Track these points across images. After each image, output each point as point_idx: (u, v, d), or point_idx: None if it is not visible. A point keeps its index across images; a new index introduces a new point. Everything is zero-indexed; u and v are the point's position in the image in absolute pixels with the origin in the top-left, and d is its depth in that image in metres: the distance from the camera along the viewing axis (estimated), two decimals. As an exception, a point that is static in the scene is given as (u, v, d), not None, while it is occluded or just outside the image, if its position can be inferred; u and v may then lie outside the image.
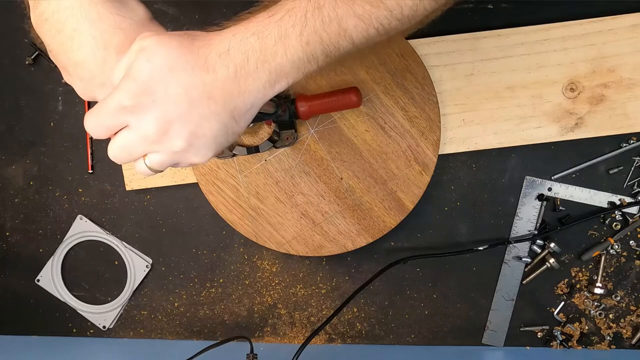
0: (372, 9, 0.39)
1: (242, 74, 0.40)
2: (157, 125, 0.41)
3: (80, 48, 0.48)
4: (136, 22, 0.48)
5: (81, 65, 0.48)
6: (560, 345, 0.81)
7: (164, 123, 0.41)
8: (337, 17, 0.38)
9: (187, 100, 0.40)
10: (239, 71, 0.40)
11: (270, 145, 0.73)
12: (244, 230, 0.77)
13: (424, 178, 0.75)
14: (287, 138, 0.73)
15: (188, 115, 0.40)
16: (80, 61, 0.48)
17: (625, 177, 0.79)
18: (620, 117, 0.77)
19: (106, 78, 0.48)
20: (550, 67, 0.76)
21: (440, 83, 0.77)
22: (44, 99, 0.82)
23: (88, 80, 0.49)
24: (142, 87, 0.40)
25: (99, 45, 0.47)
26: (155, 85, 0.40)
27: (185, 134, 0.41)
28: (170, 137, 0.41)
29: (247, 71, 0.40)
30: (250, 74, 0.40)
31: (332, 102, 0.71)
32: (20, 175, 0.83)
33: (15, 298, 0.85)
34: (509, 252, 0.81)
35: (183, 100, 0.40)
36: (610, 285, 0.80)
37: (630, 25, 0.75)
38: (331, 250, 0.77)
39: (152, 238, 0.83)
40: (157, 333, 0.84)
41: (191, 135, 0.41)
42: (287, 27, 0.39)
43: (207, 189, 0.76)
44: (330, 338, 0.83)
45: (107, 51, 0.48)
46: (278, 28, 0.39)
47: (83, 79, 0.49)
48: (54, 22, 0.48)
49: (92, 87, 0.49)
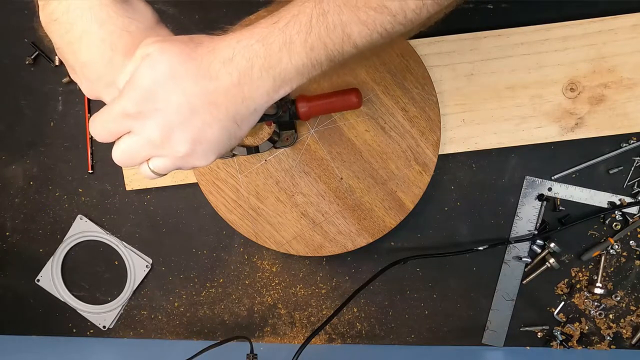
0: (376, 14, 0.39)
1: (246, 81, 0.40)
2: (159, 131, 0.41)
3: (88, 49, 0.48)
4: (144, 24, 0.49)
5: (88, 65, 0.49)
6: (560, 345, 0.81)
7: (166, 130, 0.41)
8: (342, 23, 0.39)
9: (189, 107, 0.41)
10: (243, 78, 0.40)
11: (270, 146, 0.73)
12: (244, 230, 0.77)
13: (424, 178, 0.75)
14: (287, 138, 0.73)
15: (190, 122, 0.41)
16: (88, 61, 0.49)
17: (625, 177, 0.79)
18: (620, 117, 0.77)
19: (112, 79, 0.48)
20: (550, 67, 0.76)
21: (440, 83, 0.77)
22: (44, 99, 0.82)
23: (94, 81, 0.50)
24: (145, 94, 0.41)
25: (106, 47, 0.48)
26: (158, 93, 0.40)
27: (188, 140, 0.41)
28: (173, 143, 0.42)
29: (251, 78, 0.40)
30: (254, 80, 0.40)
31: (333, 103, 0.71)
32: (20, 175, 0.83)
33: (15, 298, 0.85)
34: (509, 252, 0.81)
35: (185, 107, 0.41)
36: (610, 285, 0.80)
37: (631, 25, 0.75)
38: (331, 250, 0.77)
39: (152, 238, 0.83)
40: (157, 333, 0.84)
41: (194, 141, 0.41)
42: (292, 34, 0.39)
43: (207, 189, 0.76)
44: (330, 338, 0.83)
45: (114, 53, 0.48)
46: (283, 35, 0.39)
47: (89, 78, 0.50)
48: (63, 22, 0.48)
49: (98, 87, 0.50)
